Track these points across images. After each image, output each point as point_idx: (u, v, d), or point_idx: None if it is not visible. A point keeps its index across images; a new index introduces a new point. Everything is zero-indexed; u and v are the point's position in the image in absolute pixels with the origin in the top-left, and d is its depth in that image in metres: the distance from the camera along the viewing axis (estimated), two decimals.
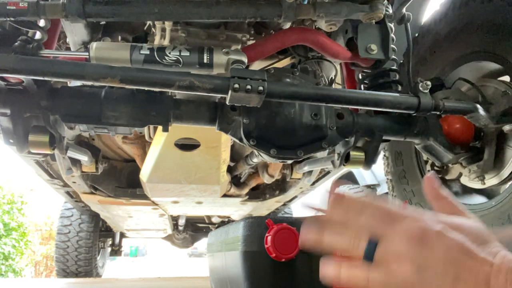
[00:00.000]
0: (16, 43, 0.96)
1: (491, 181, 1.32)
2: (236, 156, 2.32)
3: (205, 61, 1.08)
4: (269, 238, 0.90)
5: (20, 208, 9.54)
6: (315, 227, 0.52)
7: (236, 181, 2.59)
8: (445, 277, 0.43)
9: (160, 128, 1.26)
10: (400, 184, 1.79)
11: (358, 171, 4.91)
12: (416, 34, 1.65)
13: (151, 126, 1.74)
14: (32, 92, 1.06)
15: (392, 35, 1.20)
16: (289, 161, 1.33)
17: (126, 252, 23.02)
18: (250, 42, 1.28)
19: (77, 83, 1.21)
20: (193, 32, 1.22)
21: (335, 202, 0.54)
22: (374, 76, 1.31)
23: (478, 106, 1.21)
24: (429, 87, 1.16)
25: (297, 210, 4.98)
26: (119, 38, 1.40)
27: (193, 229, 4.87)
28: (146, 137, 1.88)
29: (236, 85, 0.97)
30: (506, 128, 1.22)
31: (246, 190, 2.65)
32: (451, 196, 0.53)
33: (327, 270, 0.50)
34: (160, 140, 1.81)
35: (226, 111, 1.15)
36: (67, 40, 1.35)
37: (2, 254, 8.60)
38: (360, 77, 1.37)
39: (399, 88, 1.30)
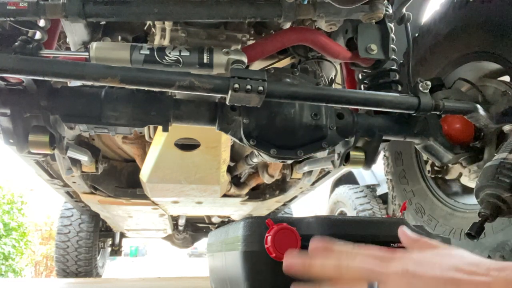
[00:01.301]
0: (16, 43, 0.96)
1: None
2: (236, 156, 2.32)
3: (205, 61, 1.08)
4: (269, 238, 0.90)
5: (20, 208, 9.53)
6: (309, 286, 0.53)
7: (236, 181, 2.59)
8: None
9: (160, 128, 1.26)
10: (400, 184, 1.79)
11: (358, 171, 4.91)
12: (416, 34, 1.65)
13: (151, 126, 1.74)
14: (32, 92, 1.06)
15: (392, 35, 1.20)
16: (289, 161, 1.33)
17: (126, 252, 23.02)
18: (250, 42, 1.28)
19: (77, 83, 1.21)
20: (193, 32, 1.22)
21: (324, 256, 0.56)
22: (374, 76, 1.31)
23: (478, 106, 1.21)
24: (429, 87, 1.16)
25: (297, 210, 4.98)
26: (119, 38, 1.40)
27: (193, 229, 4.86)
28: (146, 137, 1.87)
29: (236, 85, 0.97)
30: (506, 128, 1.22)
31: (246, 190, 2.65)
32: (424, 237, 0.57)
33: None
34: (160, 140, 1.81)
35: (226, 111, 1.15)
36: (67, 40, 1.35)
37: (2, 254, 8.59)
38: (360, 77, 1.37)
39: (399, 88, 1.30)
